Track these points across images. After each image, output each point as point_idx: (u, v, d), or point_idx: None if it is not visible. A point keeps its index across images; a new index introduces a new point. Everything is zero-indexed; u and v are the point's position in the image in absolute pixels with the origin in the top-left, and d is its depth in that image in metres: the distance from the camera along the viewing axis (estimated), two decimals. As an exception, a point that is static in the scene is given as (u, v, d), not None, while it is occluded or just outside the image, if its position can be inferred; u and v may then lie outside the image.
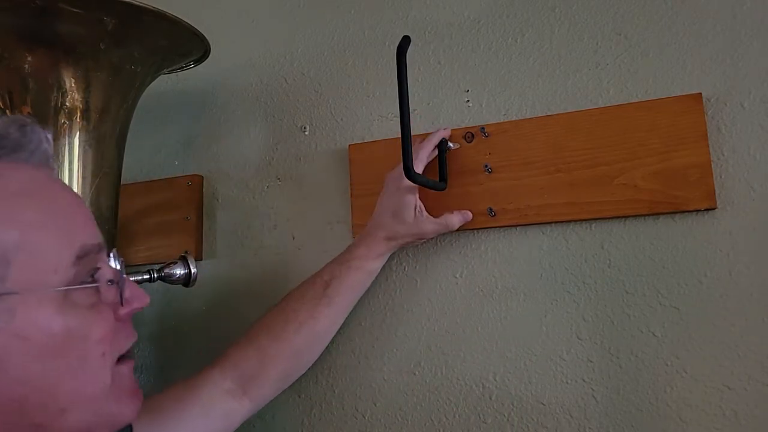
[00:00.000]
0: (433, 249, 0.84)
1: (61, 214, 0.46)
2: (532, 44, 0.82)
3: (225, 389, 0.72)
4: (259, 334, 0.76)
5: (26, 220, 0.44)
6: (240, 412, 0.72)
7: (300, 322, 0.75)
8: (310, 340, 0.76)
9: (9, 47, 0.73)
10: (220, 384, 0.71)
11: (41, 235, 0.44)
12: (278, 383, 0.76)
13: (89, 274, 0.46)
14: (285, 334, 0.75)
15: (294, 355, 0.76)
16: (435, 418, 0.81)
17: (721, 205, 0.71)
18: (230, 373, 0.72)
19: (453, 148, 0.82)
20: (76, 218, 0.47)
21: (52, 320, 0.43)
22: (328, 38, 0.95)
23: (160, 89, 1.01)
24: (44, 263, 0.43)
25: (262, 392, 0.74)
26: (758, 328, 0.68)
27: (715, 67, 0.73)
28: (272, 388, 0.75)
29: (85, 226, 0.48)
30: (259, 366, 0.73)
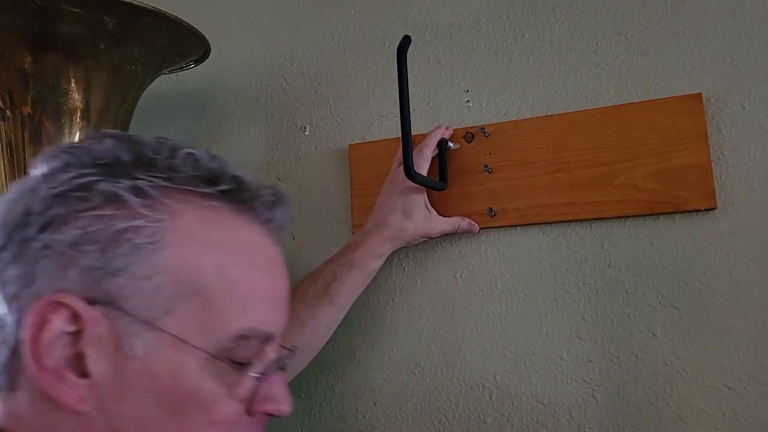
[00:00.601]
0: (433, 249, 0.84)
1: (257, 290, 0.46)
2: (532, 44, 0.82)
3: None
4: None
5: (232, 279, 0.44)
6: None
7: (302, 321, 0.75)
8: (311, 339, 0.76)
9: (9, 47, 0.74)
10: None
11: (227, 294, 0.43)
12: None
13: (246, 356, 0.44)
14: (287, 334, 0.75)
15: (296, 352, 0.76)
16: (435, 418, 0.80)
17: (721, 205, 0.71)
18: None
19: (453, 148, 0.82)
20: (264, 301, 0.46)
21: (187, 376, 0.42)
22: (328, 38, 0.95)
23: (160, 89, 1.01)
24: (212, 321, 0.43)
25: None
26: (758, 328, 0.68)
27: (715, 67, 0.73)
28: None
29: (272, 313, 0.47)
30: None
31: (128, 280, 0.41)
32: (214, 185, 0.45)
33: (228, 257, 0.44)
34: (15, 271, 0.42)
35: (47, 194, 0.42)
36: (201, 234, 0.44)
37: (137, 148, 0.45)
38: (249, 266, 0.46)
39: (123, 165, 0.44)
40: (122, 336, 0.41)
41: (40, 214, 0.42)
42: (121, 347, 0.41)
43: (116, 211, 0.42)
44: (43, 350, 0.40)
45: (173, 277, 0.42)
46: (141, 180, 0.43)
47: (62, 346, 0.41)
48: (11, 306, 0.42)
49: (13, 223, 0.42)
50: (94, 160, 0.44)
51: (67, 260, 0.41)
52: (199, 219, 0.44)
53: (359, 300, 0.82)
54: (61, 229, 0.41)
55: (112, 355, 0.41)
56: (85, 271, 0.41)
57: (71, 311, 0.40)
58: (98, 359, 0.41)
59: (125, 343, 0.41)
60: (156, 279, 0.41)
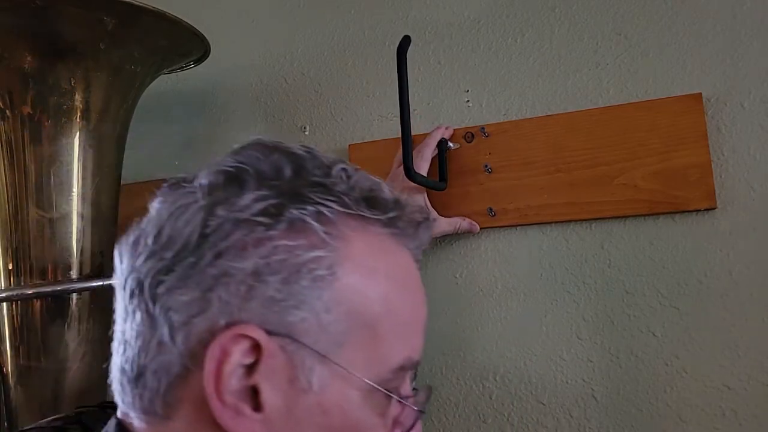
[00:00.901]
0: (433, 249, 0.84)
1: (415, 318, 0.46)
2: (532, 44, 0.82)
3: None
4: None
5: (396, 308, 0.43)
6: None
7: None
8: None
9: (9, 47, 0.73)
10: None
11: (388, 327, 0.43)
12: None
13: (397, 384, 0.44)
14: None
15: None
16: (435, 418, 0.80)
17: (721, 205, 0.71)
18: None
19: (453, 148, 0.82)
20: (419, 329, 0.46)
21: (352, 409, 0.42)
22: (328, 38, 0.95)
23: (160, 89, 1.01)
24: (379, 352, 0.42)
25: None
26: (758, 328, 0.68)
27: (715, 67, 0.73)
28: None
29: (420, 340, 0.47)
30: None
31: (308, 313, 0.40)
32: (383, 212, 0.44)
33: (392, 286, 0.44)
34: (184, 297, 0.40)
35: (230, 218, 0.40)
36: (369, 262, 0.43)
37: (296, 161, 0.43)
38: (409, 294, 0.46)
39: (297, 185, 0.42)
40: (297, 369, 0.40)
41: (220, 239, 0.40)
42: (296, 381, 0.40)
43: (300, 240, 0.40)
44: (224, 384, 0.39)
45: (347, 309, 0.41)
46: (322, 205, 0.41)
47: (238, 378, 0.39)
48: (177, 333, 0.40)
49: (183, 244, 0.40)
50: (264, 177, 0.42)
51: (247, 289, 0.39)
52: (367, 246, 0.43)
53: (359, 300, 0.82)
54: (241, 256, 0.39)
55: (287, 388, 0.40)
56: (267, 302, 0.40)
57: (252, 343, 0.39)
58: (273, 393, 0.40)
59: (300, 376, 0.40)
60: (333, 312, 0.40)
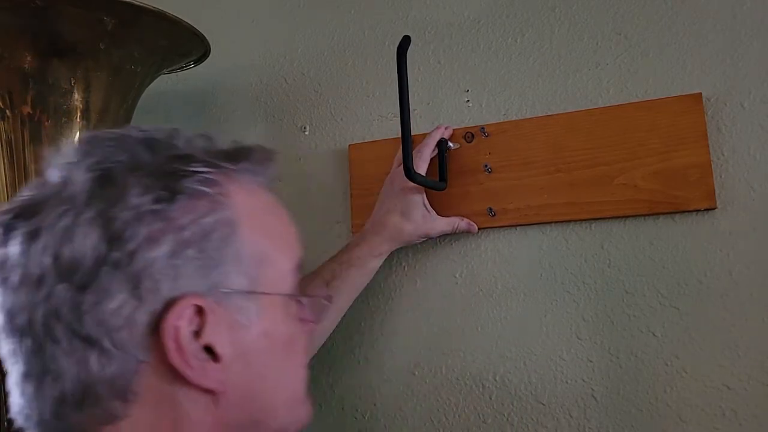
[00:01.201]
0: (433, 249, 0.84)
1: (288, 231, 0.52)
2: (532, 44, 0.82)
3: None
4: None
5: (274, 233, 0.50)
6: None
7: None
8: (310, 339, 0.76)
9: (9, 47, 0.73)
10: None
11: (280, 247, 0.50)
12: None
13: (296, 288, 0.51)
14: None
15: None
16: (435, 418, 0.80)
17: (721, 205, 0.71)
18: None
19: (453, 148, 0.82)
20: (294, 235, 0.53)
21: (282, 324, 0.48)
22: (328, 38, 0.95)
23: (160, 89, 1.01)
24: (280, 271, 0.49)
25: None
26: (758, 328, 0.68)
27: (715, 67, 0.73)
28: None
29: (298, 241, 0.53)
30: None
31: (226, 266, 0.45)
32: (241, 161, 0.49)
33: (269, 218, 0.51)
34: (113, 304, 0.42)
35: (129, 216, 0.42)
36: (251, 207, 0.48)
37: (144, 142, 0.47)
38: (279, 218, 0.52)
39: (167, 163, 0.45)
40: (233, 313, 0.45)
41: (129, 239, 0.42)
42: (236, 323, 0.45)
43: (200, 209, 0.44)
44: (187, 353, 0.43)
45: (251, 250, 0.46)
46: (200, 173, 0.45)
47: (193, 343, 0.43)
48: (119, 336, 0.42)
49: (93, 258, 0.42)
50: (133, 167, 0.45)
51: (171, 269, 0.43)
52: (245, 193, 0.48)
53: (359, 300, 0.82)
54: (155, 245, 0.42)
55: (231, 333, 0.45)
56: (192, 272, 0.43)
57: (194, 310, 0.43)
58: (223, 342, 0.44)
59: (237, 318, 0.45)
60: (243, 256, 0.46)
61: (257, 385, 0.47)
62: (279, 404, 0.49)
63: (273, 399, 0.48)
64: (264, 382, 0.47)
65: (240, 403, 0.46)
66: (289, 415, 0.50)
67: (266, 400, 0.48)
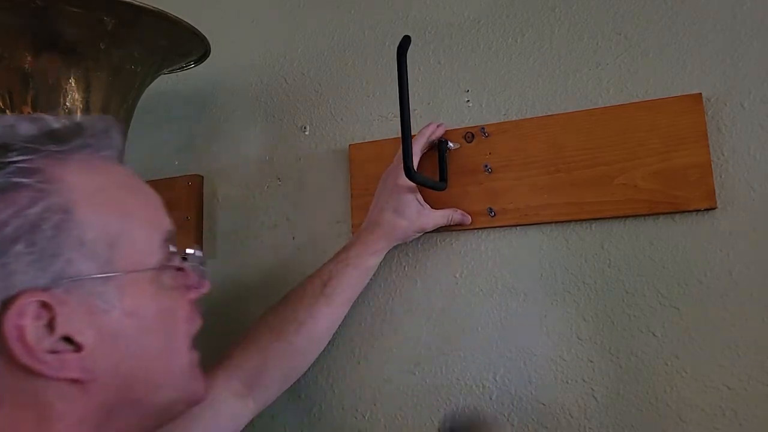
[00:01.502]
0: (433, 249, 0.84)
1: (147, 202, 0.51)
2: (532, 44, 0.82)
3: (232, 391, 0.72)
4: (261, 334, 0.76)
5: (127, 209, 0.48)
6: (245, 413, 0.72)
7: (299, 321, 0.75)
8: (309, 340, 0.76)
9: (9, 47, 0.73)
10: (226, 386, 0.71)
11: (138, 222, 0.48)
12: (280, 384, 0.76)
13: (170, 259, 0.50)
14: (285, 334, 0.75)
15: (295, 354, 0.76)
16: (435, 418, 0.80)
17: (721, 205, 0.71)
18: (235, 375, 0.72)
19: (453, 148, 0.82)
20: (157, 206, 0.52)
21: (152, 299, 0.48)
22: (328, 38, 0.95)
23: (160, 89, 1.01)
24: (142, 247, 0.48)
25: (265, 393, 0.74)
26: (758, 328, 0.68)
27: (715, 67, 0.73)
28: (274, 388, 0.75)
29: (163, 213, 0.52)
30: (262, 365, 0.73)
31: (69, 254, 0.44)
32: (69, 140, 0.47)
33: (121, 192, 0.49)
34: None
35: None
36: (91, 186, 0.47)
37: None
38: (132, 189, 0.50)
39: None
40: (89, 299, 0.44)
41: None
42: (94, 309, 0.44)
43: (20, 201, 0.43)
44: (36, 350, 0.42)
45: (97, 232, 0.45)
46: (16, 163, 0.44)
47: (46, 338, 0.43)
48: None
49: None
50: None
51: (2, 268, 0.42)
52: (81, 173, 0.47)
53: (359, 300, 0.82)
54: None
55: (91, 319, 0.44)
56: (28, 267, 0.42)
57: (38, 304, 0.42)
58: (83, 330, 0.44)
59: (95, 303, 0.44)
60: (87, 239, 0.45)
61: (130, 366, 0.46)
62: (160, 381, 0.49)
63: (152, 377, 0.48)
64: (138, 361, 0.47)
65: (113, 387, 0.46)
66: (174, 391, 0.50)
67: (144, 379, 0.47)
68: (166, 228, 0.51)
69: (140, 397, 0.47)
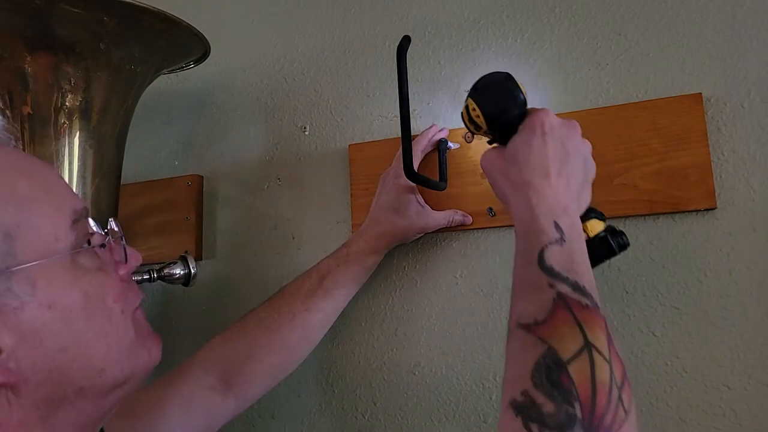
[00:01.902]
0: (433, 249, 0.84)
1: (45, 184, 0.47)
2: (532, 44, 0.82)
3: (207, 385, 0.70)
4: (249, 326, 0.74)
5: (20, 195, 0.45)
6: (223, 408, 0.71)
7: (294, 313, 0.74)
8: (302, 333, 0.75)
9: (9, 47, 0.73)
10: (201, 380, 0.70)
11: (36, 207, 0.45)
12: (266, 380, 0.74)
13: (86, 240, 0.48)
14: (277, 326, 0.74)
15: (285, 348, 0.75)
16: (435, 418, 0.80)
17: (721, 205, 0.71)
18: (214, 368, 0.71)
19: (453, 148, 0.82)
20: (58, 187, 0.48)
21: (70, 286, 0.45)
22: (328, 38, 0.95)
23: (160, 89, 1.01)
24: (45, 233, 0.45)
25: (248, 389, 0.72)
26: (758, 328, 0.68)
27: (715, 67, 0.73)
28: (260, 383, 0.74)
29: (68, 192, 0.49)
30: (247, 359, 0.72)
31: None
32: None
33: (13, 180, 0.45)
34: None
35: None
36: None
37: None
38: (29, 177, 0.47)
39: None
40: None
41: None
42: (5, 307, 0.42)
43: None
44: None
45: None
46: None
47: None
48: None
49: None
50: None
51: None
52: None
53: (359, 300, 0.82)
54: None
55: (3, 320, 0.42)
56: None
57: None
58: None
59: (6, 303, 0.42)
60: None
61: (64, 358, 0.44)
62: (101, 365, 0.46)
63: (91, 363, 0.46)
64: (71, 351, 0.45)
65: (49, 382, 0.44)
66: (121, 370, 0.48)
67: (82, 367, 0.45)
68: (72, 208, 0.47)
69: (83, 386, 0.46)
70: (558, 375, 0.44)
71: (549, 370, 0.44)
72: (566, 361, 0.45)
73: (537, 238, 0.53)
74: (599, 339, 0.46)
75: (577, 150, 0.58)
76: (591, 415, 0.42)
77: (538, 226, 0.53)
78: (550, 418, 0.42)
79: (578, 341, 0.46)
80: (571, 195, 0.57)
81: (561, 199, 0.56)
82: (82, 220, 0.47)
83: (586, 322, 0.47)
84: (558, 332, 0.46)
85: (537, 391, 0.44)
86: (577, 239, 0.54)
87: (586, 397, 0.43)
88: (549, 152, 0.57)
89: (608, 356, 0.46)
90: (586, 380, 0.44)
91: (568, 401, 0.43)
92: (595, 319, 0.48)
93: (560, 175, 0.57)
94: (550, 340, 0.46)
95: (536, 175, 0.56)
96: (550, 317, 0.48)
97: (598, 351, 0.45)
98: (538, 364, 0.45)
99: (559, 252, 0.52)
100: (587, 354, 0.45)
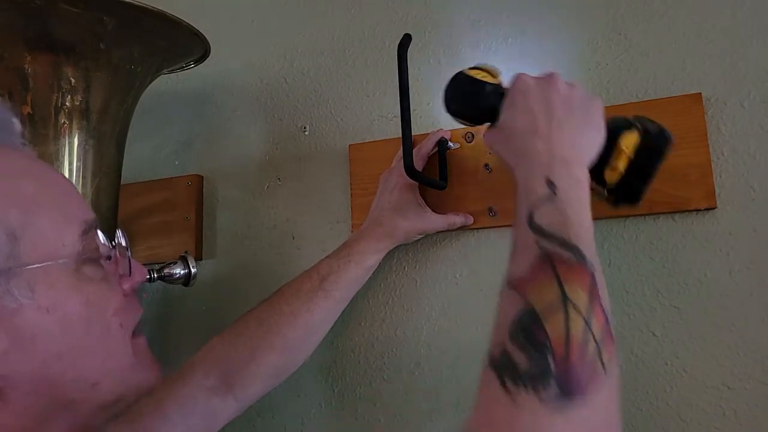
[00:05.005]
0: (433, 249, 0.84)
1: (57, 191, 0.47)
2: (532, 44, 0.82)
3: (208, 387, 0.70)
4: (249, 327, 0.74)
5: (28, 198, 0.44)
6: (224, 409, 0.70)
7: (295, 314, 0.74)
8: (303, 334, 0.75)
9: (9, 47, 0.73)
10: (202, 382, 0.70)
11: (44, 212, 0.45)
12: (267, 380, 0.74)
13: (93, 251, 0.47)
14: (278, 327, 0.73)
15: (286, 348, 0.74)
16: (435, 418, 0.80)
17: (721, 205, 0.71)
18: (215, 369, 0.71)
19: (453, 148, 0.82)
20: (70, 196, 0.48)
21: (71, 292, 0.44)
22: (328, 38, 0.95)
23: (160, 89, 1.01)
24: (52, 238, 0.44)
25: (249, 390, 0.72)
26: (758, 328, 0.68)
27: (715, 67, 0.73)
28: (260, 384, 0.73)
29: (80, 203, 0.49)
30: (249, 359, 0.72)
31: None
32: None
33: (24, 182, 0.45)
34: None
35: None
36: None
37: None
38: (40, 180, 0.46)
39: None
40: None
41: None
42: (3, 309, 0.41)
43: None
44: None
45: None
46: None
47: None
48: None
49: None
50: None
51: None
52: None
53: (359, 300, 0.82)
54: None
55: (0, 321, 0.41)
56: None
57: None
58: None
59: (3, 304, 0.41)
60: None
61: (56, 365, 0.43)
62: (95, 378, 0.45)
63: (85, 375, 0.45)
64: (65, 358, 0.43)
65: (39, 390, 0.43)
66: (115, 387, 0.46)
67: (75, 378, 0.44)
68: (82, 218, 0.46)
69: (75, 398, 0.44)
70: (532, 329, 0.45)
71: (525, 325, 0.46)
72: (541, 316, 0.45)
73: (527, 199, 0.54)
74: (577, 294, 0.47)
75: (562, 97, 0.59)
76: (565, 371, 0.43)
77: (528, 187, 0.55)
78: (524, 371, 0.43)
79: (555, 296, 0.47)
80: (568, 141, 0.57)
81: (555, 150, 0.56)
82: (91, 231, 0.47)
83: (566, 277, 0.47)
84: (536, 288, 0.47)
85: (513, 345, 0.45)
86: (574, 189, 0.55)
87: (560, 353, 0.44)
88: (532, 109, 0.58)
89: (586, 312, 0.46)
90: (560, 335, 0.44)
91: (542, 355, 0.44)
92: (578, 274, 0.48)
93: (549, 126, 0.57)
94: (529, 295, 0.47)
95: (527, 136, 0.57)
96: (531, 273, 0.49)
97: (575, 306, 0.46)
98: (515, 320, 0.47)
99: (550, 209, 0.53)
100: (563, 309, 0.46)
